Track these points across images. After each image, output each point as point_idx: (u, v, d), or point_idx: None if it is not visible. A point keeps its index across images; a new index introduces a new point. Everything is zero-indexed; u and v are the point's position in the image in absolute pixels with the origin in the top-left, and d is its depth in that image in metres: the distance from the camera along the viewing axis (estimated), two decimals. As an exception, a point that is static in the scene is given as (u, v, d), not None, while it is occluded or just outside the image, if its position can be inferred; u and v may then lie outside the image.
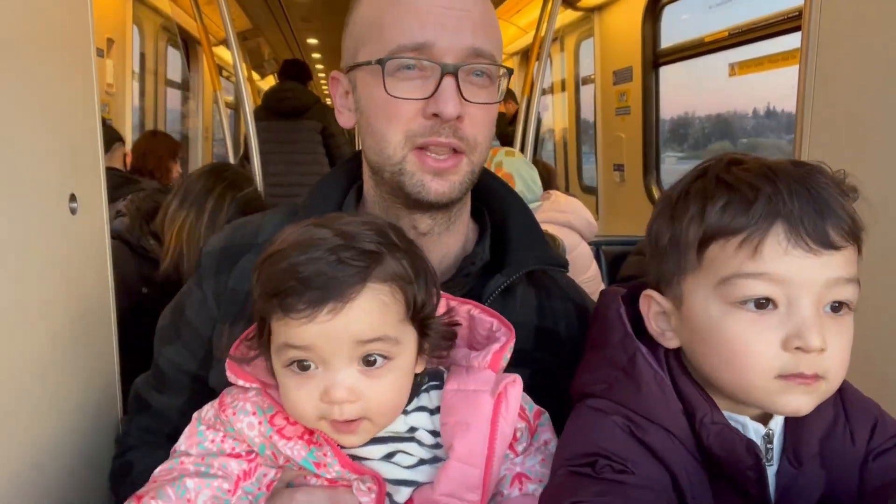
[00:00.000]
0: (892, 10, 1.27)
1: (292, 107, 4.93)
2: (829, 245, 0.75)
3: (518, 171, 2.69)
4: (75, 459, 1.15)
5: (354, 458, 0.84)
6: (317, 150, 5.07)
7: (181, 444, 0.89)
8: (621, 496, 0.76)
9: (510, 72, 1.06)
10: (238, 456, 0.86)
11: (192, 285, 1.13)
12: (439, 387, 0.89)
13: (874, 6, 1.31)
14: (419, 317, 0.84)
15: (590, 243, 2.77)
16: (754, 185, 0.77)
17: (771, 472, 0.84)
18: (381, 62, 0.97)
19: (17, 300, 1.00)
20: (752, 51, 3.61)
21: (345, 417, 0.79)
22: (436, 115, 0.97)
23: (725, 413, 0.82)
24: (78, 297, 1.18)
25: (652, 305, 0.88)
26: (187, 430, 0.90)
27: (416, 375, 0.87)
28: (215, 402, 0.89)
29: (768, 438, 0.84)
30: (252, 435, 0.85)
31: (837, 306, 0.78)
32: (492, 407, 0.83)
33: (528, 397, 0.91)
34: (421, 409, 0.88)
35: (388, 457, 0.85)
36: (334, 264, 0.77)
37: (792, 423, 0.84)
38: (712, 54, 3.94)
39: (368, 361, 0.80)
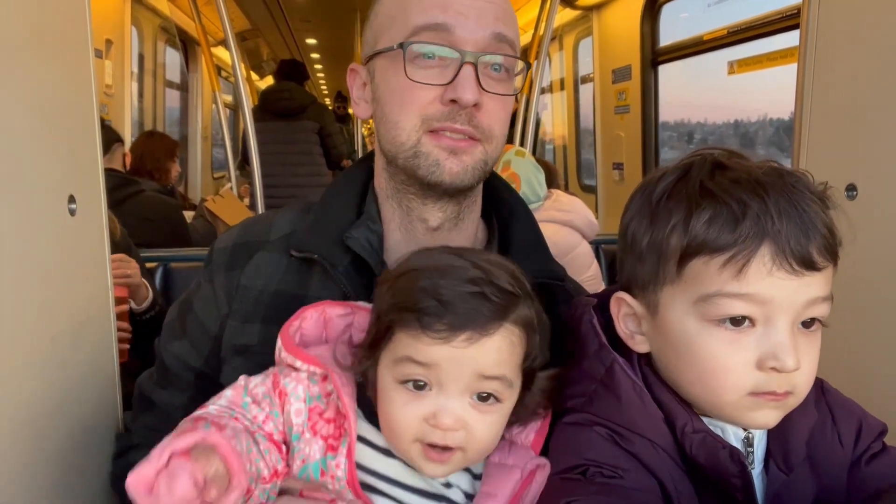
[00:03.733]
0: (890, 7, 1.27)
1: (289, 107, 4.93)
2: (812, 267, 0.74)
3: (524, 172, 2.68)
4: (74, 459, 1.14)
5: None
6: (313, 151, 5.08)
7: (219, 402, 0.85)
8: (617, 495, 0.75)
9: (528, 66, 1.07)
10: (277, 445, 0.84)
11: (202, 280, 1.13)
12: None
13: (873, 3, 1.31)
14: (528, 369, 0.84)
15: (590, 242, 2.77)
16: (742, 200, 0.74)
17: (760, 478, 0.83)
18: (402, 46, 0.99)
19: (16, 301, 1.00)
20: (751, 49, 3.61)
21: (446, 443, 0.79)
22: (453, 101, 0.98)
23: (704, 419, 0.81)
24: (77, 298, 1.18)
25: (622, 307, 0.86)
26: (231, 394, 0.86)
27: None
28: (268, 380, 0.88)
29: (748, 442, 0.83)
30: (298, 422, 0.84)
31: (810, 322, 0.77)
32: (520, 483, 0.84)
33: None
34: (466, 469, 0.87)
35: None
36: (477, 296, 0.78)
37: (776, 429, 0.83)
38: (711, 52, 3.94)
39: (482, 397, 0.81)
